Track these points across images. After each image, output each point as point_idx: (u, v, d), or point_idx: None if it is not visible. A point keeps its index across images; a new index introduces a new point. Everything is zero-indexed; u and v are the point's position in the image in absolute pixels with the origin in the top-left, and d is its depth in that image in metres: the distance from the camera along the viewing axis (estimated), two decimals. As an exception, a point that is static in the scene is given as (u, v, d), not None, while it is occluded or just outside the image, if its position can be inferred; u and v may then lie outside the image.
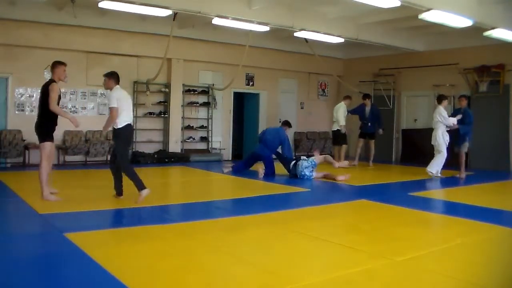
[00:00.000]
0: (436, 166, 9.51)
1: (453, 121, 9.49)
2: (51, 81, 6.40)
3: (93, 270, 3.61)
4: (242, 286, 3.41)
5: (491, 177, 10.29)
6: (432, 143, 9.58)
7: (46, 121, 6.35)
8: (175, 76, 12.46)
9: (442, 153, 9.46)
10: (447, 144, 9.51)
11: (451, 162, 9.83)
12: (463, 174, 9.83)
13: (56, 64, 6.53)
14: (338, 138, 11.95)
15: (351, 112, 12.14)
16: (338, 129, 11.81)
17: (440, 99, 9.77)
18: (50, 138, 6.38)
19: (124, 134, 6.48)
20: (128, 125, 6.45)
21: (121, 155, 6.44)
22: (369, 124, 12.03)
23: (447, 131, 9.56)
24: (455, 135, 9.66)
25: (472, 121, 9.79)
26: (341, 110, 11.85)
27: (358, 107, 12.28)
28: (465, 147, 9.81)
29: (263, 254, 4.23)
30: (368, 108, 12.11)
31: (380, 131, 12.12)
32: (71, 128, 9.22)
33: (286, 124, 10.41)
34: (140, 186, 6.29)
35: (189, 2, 8.88)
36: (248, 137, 14.37)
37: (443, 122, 9.42)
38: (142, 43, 11.69)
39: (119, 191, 6.61)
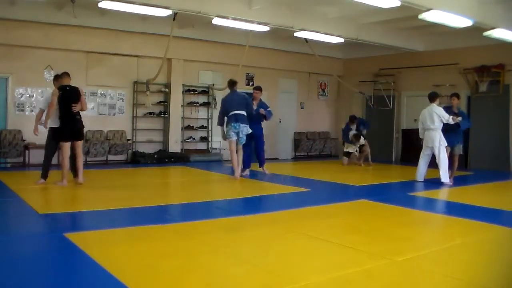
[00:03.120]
0: (446, 173, 8.90)
1: (450, 118, 8.86)
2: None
3: (93, 270, 3.61)
4: (242, 286, 3.41)
5: (491, 177, 10.29)
6: (430, 145, 8.94)
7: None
8: (175, 76, 12.46)
9: (445, 156, 8.90)
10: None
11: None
12: (451, 178, 9.12)
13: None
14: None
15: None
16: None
17: (433, 96, 9.07)
18: None
19: None
20: None
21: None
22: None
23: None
24: (451, 136, 9.10)
25: (469, 120, 9.53)
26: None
27: (345, 127, 12.55)
28: (459, 150, 9.37)
29: (263, 254, 4.23)
30: (353, 128, 12.34)
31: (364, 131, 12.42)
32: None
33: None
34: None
35: (189, 2, 8.88)
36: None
37: (447, 121, 8.80)
38: (142, 43, 11.69)
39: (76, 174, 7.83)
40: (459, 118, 9.10)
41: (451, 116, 8.94)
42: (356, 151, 12.16)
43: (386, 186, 9.03)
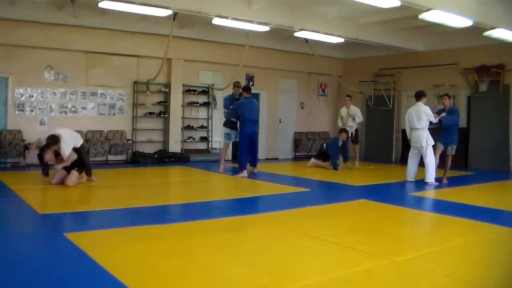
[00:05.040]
0: (433, 173, 8.87)
1: (434, 119, 8.83)
2: None
3: (93, 270, 3.61)
4: (242, 286, 3.41)
5: (491, 177, 10.29)
6: (418, 145, 8.91)
7: None
8: (175, 76, 12.46)
9: (432, 156, 8.87)
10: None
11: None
12: (445, 179, 9.16)
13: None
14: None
15: None
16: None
17: (420, 95, 8.97)
18: None
19: None
20: None
21: None
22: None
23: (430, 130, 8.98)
24: (442, 135, 9.10)
25: (457, 117, 9.30)
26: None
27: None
28: (452, 150, 9.25)
29: (263, 254, 4.23)
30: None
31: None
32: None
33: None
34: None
35: (189, 2, 8.88)
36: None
37: (431, 120, 8.76)
38: (142, 43, 11.69)
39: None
40: (443, 114, 9.06)
41: (434, 115, 8.91)
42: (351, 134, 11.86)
43: (386, 186, 9.03)
